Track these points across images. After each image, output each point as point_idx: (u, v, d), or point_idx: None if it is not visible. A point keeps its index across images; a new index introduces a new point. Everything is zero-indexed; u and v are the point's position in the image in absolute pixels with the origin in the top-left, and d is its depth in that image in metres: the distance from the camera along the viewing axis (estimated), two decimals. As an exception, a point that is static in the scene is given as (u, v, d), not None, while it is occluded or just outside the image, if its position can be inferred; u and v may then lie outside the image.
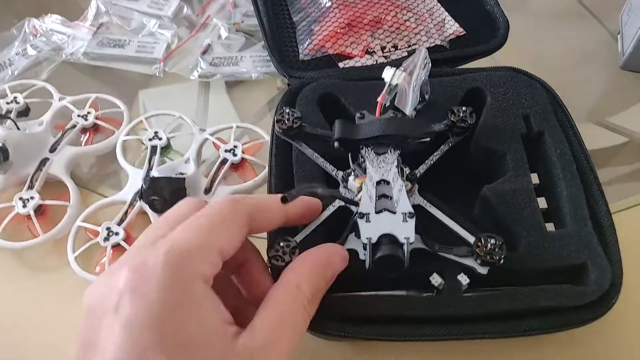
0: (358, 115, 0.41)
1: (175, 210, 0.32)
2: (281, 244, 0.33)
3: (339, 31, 0.56)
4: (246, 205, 0.31)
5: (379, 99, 0.41)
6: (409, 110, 0.41)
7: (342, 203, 0.37)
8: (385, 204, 0.34)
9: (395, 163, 0.37)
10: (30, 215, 0.47)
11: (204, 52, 0.64)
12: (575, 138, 0.43)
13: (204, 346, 0.26)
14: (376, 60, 0.55)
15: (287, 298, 0.30)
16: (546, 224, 0.38)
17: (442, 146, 0.41)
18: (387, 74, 0.41)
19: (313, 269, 0.31)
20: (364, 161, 0.38)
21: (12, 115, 0.55)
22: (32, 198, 0.47)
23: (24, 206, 0.47)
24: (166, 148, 0.54)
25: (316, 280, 0.31)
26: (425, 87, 0.44)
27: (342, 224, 0.36)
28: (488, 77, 0.47)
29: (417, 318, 0.34)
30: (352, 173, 0.38)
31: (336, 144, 0.39)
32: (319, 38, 0.56)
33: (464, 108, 0.41)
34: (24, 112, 0.57)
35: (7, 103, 0.56)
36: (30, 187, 0.49)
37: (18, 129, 0.53)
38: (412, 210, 0.34)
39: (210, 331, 0.26)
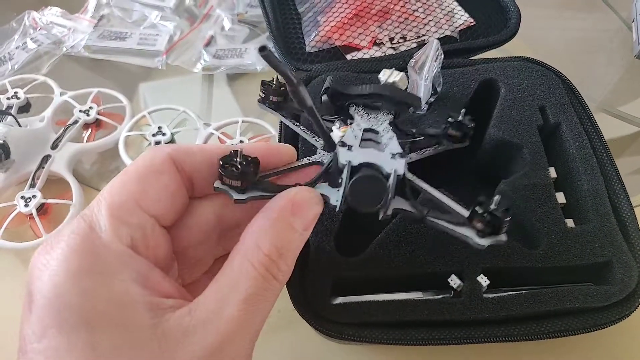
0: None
1: None
2: (239, 152, 0.26)
3: (346, 22, 0.55)
4: (166, 147, 0.27)
5: None
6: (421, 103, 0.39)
7: (317, 158, 0.31)
8: (371, 145, 0.29)
9: (388, 121, 0.33)
10: (32, 214, 0.46)
11: (207, 44, 0.63)
12: (593, 129, 0.42)
13: (113, 324, 0.21)
14: (385, 52, 0.53)
15: (242, 261, 0.24)
16: (565, 220, 0.37)
17: (437, 145, 0.38)
18: (383, 76, 0.36)
19: (276, 220, 0.25)
20: (351, 119, 0.33)
21: (12, 111, 0.53)
22: (34, 197, 0.46)
23: (26, 205, 0.46)
24: (170, 144, 0.52)
25: (282, 234, 0.25)
26: (437, 79, 0.43)
27: None
28: (502, 68, 0.45)
29: (438, 322, 0.33)
30: (335, 123, 0.34)
31: (324, 97, 0.34)
32: (325, 29, 0.54)
33: (462, 115, 0.37)
34: (25, 108, 0.55)
35: (8, 99, 0.54)
36: (32, 185, 0.48)
37: (19, 125, 0.51)
38: (402, 151, 0.29)
39: (125, 304, 0.22)
